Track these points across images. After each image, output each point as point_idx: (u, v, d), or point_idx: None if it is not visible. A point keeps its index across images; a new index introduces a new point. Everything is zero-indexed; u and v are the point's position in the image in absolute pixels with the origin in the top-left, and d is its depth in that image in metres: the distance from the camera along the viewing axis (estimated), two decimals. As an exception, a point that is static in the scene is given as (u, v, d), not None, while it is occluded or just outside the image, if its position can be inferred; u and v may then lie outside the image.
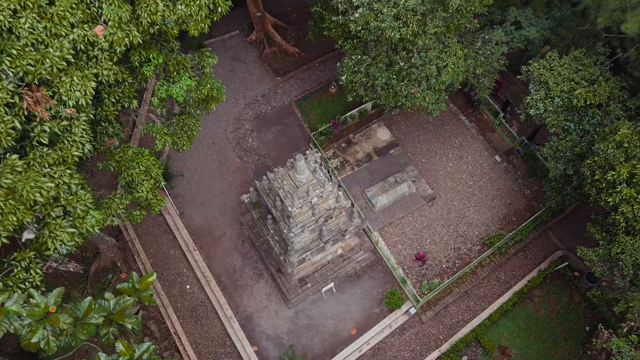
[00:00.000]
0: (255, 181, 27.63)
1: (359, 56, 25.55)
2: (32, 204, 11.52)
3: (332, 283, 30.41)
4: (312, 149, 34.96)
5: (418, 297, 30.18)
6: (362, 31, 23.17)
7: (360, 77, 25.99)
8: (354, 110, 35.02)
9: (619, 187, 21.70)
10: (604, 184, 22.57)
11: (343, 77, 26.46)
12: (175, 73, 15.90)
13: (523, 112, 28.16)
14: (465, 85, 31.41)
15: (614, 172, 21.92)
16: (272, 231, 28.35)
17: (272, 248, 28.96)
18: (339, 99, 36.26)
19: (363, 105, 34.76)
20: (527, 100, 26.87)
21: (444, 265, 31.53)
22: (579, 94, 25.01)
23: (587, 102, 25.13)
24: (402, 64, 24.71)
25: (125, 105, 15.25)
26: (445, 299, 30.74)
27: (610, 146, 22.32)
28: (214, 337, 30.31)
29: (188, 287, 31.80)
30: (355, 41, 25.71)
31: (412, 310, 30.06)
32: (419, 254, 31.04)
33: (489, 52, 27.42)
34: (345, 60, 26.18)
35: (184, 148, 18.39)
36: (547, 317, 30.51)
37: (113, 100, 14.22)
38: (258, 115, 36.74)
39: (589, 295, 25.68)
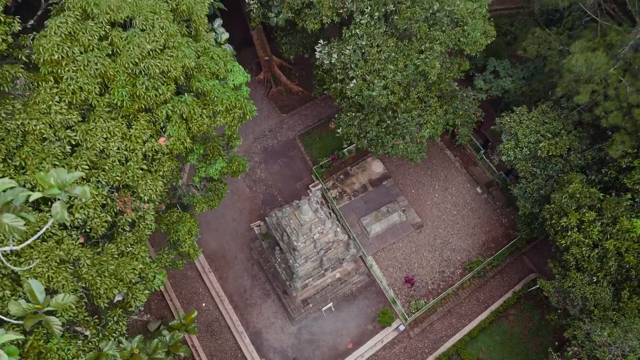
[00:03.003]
0: (266, 217, 32.41)
1: (354, 113, 30.30)
2: (126, 280, 16.22)
3: (331, 303, 35.17)
4: (314, 181, 39.79)
5: (406, 315, 34.97)
6: (356, 96, 27.88)
7: (355, 129, 30.76)
8: (351, 146, 39.76)
9: (570, 232, 26.50)
10: (558, 228, 27.36)
11: (339, 130, 31.23)
12: (211, 155, 20.64)
13: (497, 157, 32.94)
14: (446, 132, 36.12)
15: (566, 219, 26.70)
16: (279, 259, 33.14)
17: (279, 273, 33.75)
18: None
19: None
20: (500, 149, 31.62)
21: (429, 287, 36.33)
22: (542, 146, 29.75)
23: (550, 153, 29.86)
24: (389, 121, 29.45)
25: (173, 183, 19.97)
26: (431, 317, 35.54)
27: (564, 197, 27.10)
28: (227, 350, 35.03)
29: (204, 304, 36.51)
30: (350, 100, 30.41)
31: (401, 327, 34.87)
32: (408, 278, 35.80)
33: (466, 107, 32.08)
34: (342, 116, 30.94)
35: (215, 207, 23.19)
36: (521, 334, 35.33)
37: (165, 181, 18.86)
38: (266, 149, 41.45)
39: (548, 318, 30.47)
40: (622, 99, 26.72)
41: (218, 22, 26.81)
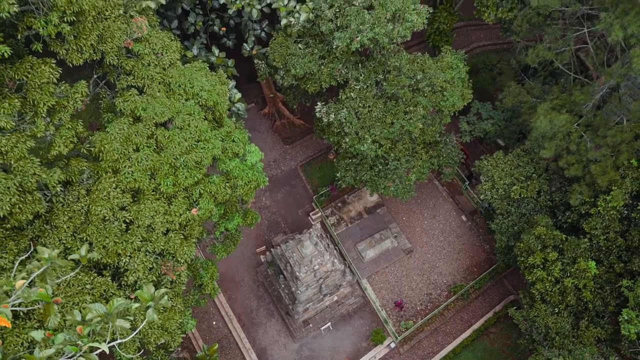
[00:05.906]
0: (272, 248, 37.21)
1: (350, 160, 35.11)
2: (170, 330, 20.98)
3: (329, 323, 40.05)
4: (314, 208, 44.53)
5: (397, 334, 39.88)
6: (350, 148, 32.62)
7: (351, 173, 35.55)
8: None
9: (536, 270, 31.29)
10: (527, 265, 32.15)
11: (338, 174, 36.06)
12: (229, 213, 25.44)
13: (476, 196, 37.71)
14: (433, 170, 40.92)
15: (532, 258, 31.49)
16: (282, 285, 38.00)
17: (283, 297, 38.63)
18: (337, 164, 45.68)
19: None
20: (479, 188, 36.38)
21: (418, 308, 41.21)
22: (515, 189, 34.53)
23: (522, 196, 34.62)
24: (380, 167, 34.25)
25: (199, 238, 24.78)
26: (419, 335, 40.44)
27: (531, 238, 31.88)
28: (236, 364, 39.90)
29: (214, 323, 41.32)
30: (346, 149, 35.17)
31: (392, 345, 39.78)
32: (397, 302, 40.64)
33: (449, 150, 36.80)
34: (340, 162, 35.74)
35: (231, 252, 28.04)
36: (500, 350, 40.26)
37: (195, 244, 23.66)
38: (270, 178, 46.17)
39: (518, 343, 35.33)
40: (582, 153, 31.42)
41: (232, 84, 31.43)
